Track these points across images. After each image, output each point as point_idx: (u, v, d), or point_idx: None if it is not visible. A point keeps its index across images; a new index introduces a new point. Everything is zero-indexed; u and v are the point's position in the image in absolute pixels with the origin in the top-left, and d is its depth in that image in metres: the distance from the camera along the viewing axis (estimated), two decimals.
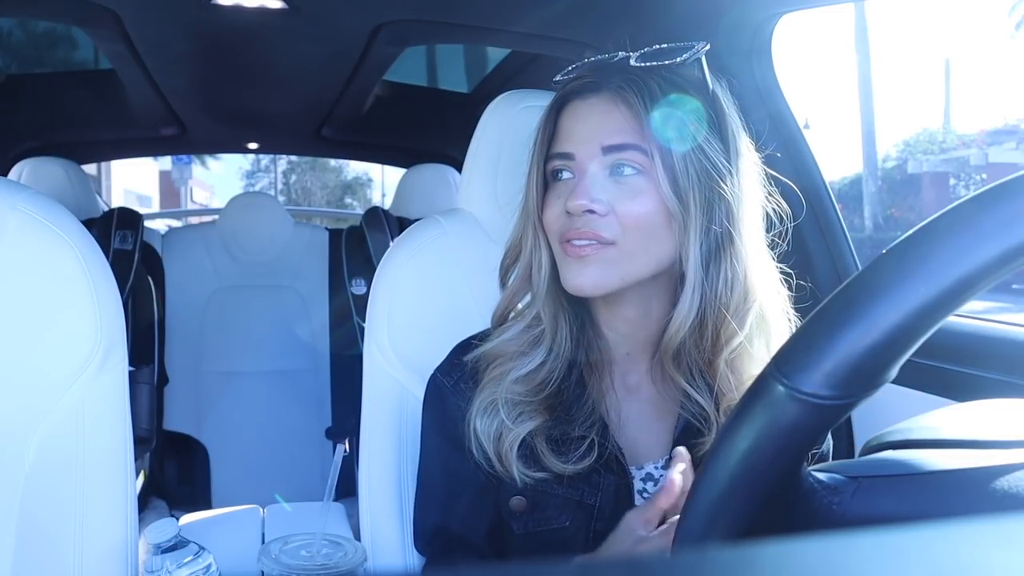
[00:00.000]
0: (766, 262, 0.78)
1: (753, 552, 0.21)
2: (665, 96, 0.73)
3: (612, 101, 0.75)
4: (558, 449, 0.77)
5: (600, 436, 0.77)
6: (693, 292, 0.74)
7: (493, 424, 0.78)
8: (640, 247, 0.74)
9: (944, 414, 0.52)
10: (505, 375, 0.79)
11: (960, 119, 34.26)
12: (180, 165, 14.45)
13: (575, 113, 0.77)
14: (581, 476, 0.77)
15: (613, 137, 0.74)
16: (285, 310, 2.46)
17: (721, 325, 0.74)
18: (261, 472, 2.30)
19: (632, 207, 0.73)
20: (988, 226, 0.36)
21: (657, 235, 0.74)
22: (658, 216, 0.74)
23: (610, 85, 0.75)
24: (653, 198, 0.73)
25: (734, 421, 0.42)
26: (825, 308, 0.40)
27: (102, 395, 0.83)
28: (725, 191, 0.74)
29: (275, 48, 1.73)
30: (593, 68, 0.79)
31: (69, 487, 0.81)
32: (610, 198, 0.74)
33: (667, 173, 0.73)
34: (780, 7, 1.19)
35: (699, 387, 0.77)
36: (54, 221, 0.82)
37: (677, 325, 0.75)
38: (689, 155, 0.73)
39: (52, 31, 2.16)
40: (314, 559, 0.83)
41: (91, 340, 0.82)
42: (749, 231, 0.76)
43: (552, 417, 0.78)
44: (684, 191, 0.73)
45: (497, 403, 0.78)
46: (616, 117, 0.74)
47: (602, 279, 0.75)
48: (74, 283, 0.82)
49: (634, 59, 0.76)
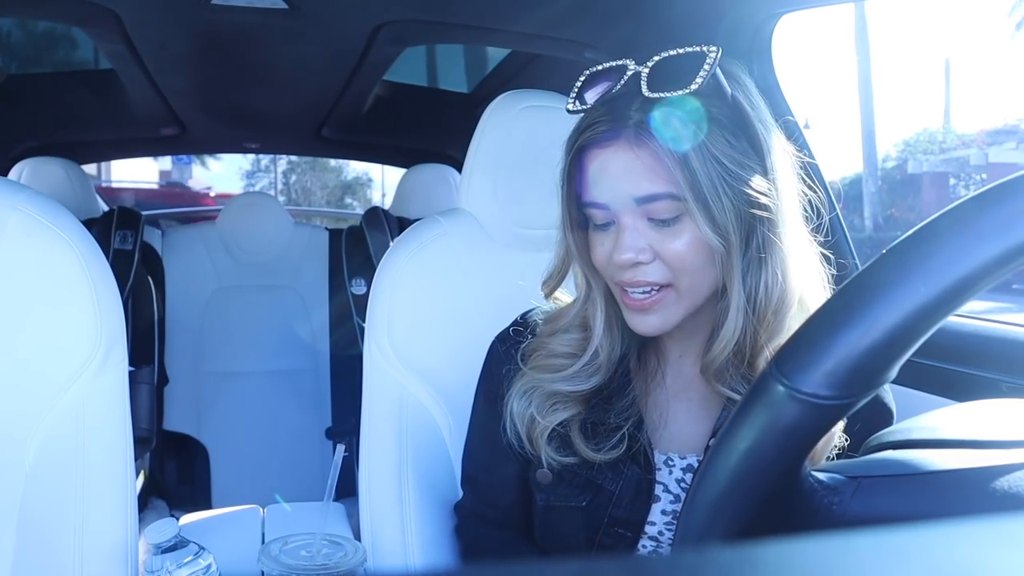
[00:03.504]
0: (807, 256, 0.77)
1: (753, 552, 0.21)
2: (686, 128, 0.70)
3: (632, 148, 0.72)
4: (590, 436, 0.79)
5: (634, 429, 0.79)
6: (737, 312, 0.73)
7: (529, 409, 0.81)
8: (693, 283, 0.74)
9: (944, 414, 0.52)
10: (548, 368, 0.81)
11: (960, 119, 34.26)
12: (180, 165, 14.46)
13: (598, 161, 0.74)
14: (608, 463, 0.79)
15: (642, 188, 0.72)
16: (285, 310, 2.46)
17: (760, 327, 0.74)
18: (261, 472, 2.30)
19: (675, 248, 0.73)
20: (988, 226, 0.36)
21: (705, 267, 0.74)
22: (703, 252, 0.73)
23: (627, 131, 0.72)
24: (694, 235, 0.72)
25: (734, 421, 0.42)
26: (825, 308, 0.40)
27: (102, 395, 0.83)
28: (765, 205, 0.72)
29: (275, 48, 1.73)
30: (607, 110, 0.74)
31: (69, 487, 0.81)
32: (652, 243, 0.73)
33: (703, 213, 0.71)
34: (780, 7, 1.19)
35: (739, 387, 0.76)
36: (54, 221, 0.82)
37: (722, 346, 0.74)
38: (720, 184, 0.70)
39: (52, 31, 2.16)
40: (314, 559, 0.83)
41: (91, 340, 0.82)
42: (790, 231, 0.75)
43: (589, 406, 0.80)
44: (722, 223, 0.71)
45: (535, 390, 0.81)
46: (641, 166, 0.71)
47: (666, 320, 0.76)
48: (74, 283, 0.82)
49: (646, 86, 0.72)
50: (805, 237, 0.77)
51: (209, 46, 1.72)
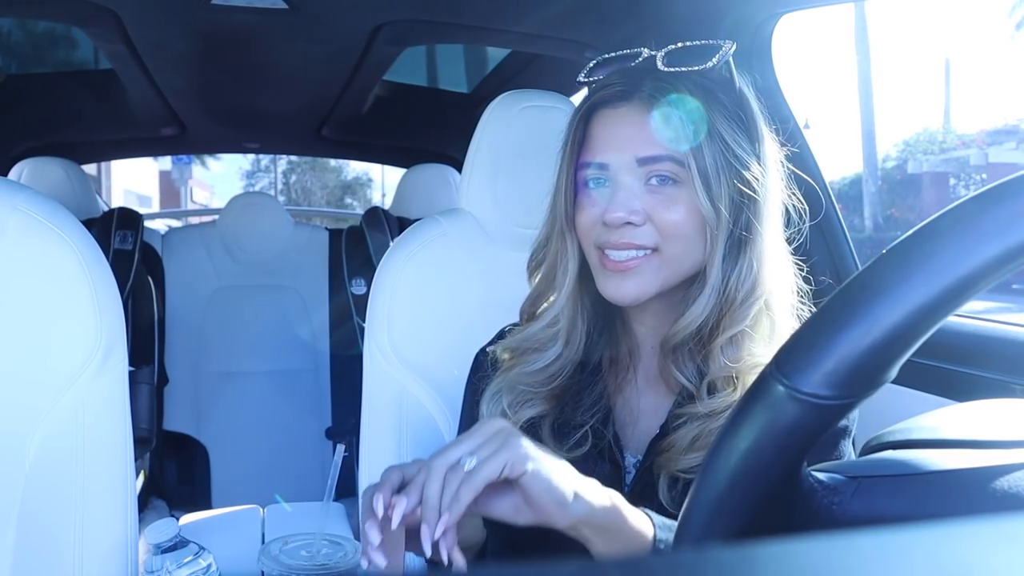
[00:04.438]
0: (782, 257, 0.79)
1: (753, 552, 0.21)
2: (697, 102, 0.73)
3: (644, 110, 0.74)
4: (558, 435, 0.79)
5: (599, 425, 0.79)
6: (710, 294, 0.75)
7: (496, 410, 0.80)
8: (679, 253, 0.75)
9: (944, 414, 0.52)
10: (515, 366, 0.82)
11: (960, 119, 34.26)
12: (180, 165, 14.46)
13: (606, 122, 0.77)
14: (577, 462, 0.78)
15: (647, 148, 0.74)
16: (285, 310, 2.46)
17: (726, 310, 0.75)
18: (261, 472, 2.30)
19: (669, 215, 0.74)
20: (989, 226, 0.36)
21: (694, 240, 0.75)
22: (693, 223, 0.74)
23: (641, 93, 0.75)
24: (689, 205, 0.74)
25: (734, 421, 0.42)
26: (825, 308, 0.40)
27: (102, 395, 0.83)
28: (755, 192, 0.74)
29: (275, 48, 1.73)
30: (621, 74, 0.77)
31: (69, 487, 0.81)
32: (646, 207, 0.74)
33: (703, 182, 0.73)
34: (780, 7, 1.19)
35: (687, 370, 0.77)
36: (54, 221, 0.82)
37: (688, 321, 0.75)
38: (721, 161, 0.73)
39: (52, 31, 2.15)
40: (314, 559, 0.83)
41: (91, 340, 0.82)
42: (770, 228, 0.77)
43: (559, 404, 0.80)
44: (716, 198, 0.73)
45: (503, 391, 0.81)
46: (649, 127, 0.74)
47: (642, 289, 0.76)
48: (74, 283, 0.82)
49: (661, 63, 0.75)
50: (782, 239, 0.79)
51: (209, 46, 1.72)
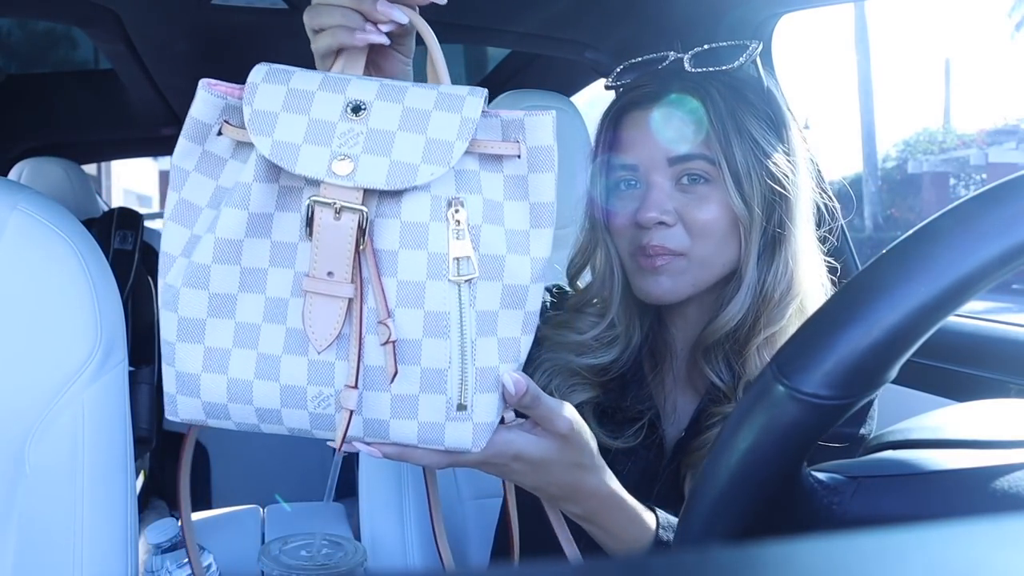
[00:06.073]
0: (815, 256, 0.79)
1: (753, 552, 0.21)
2: (726, 101, 0.73)
3: (674, 111, 0.75)
4: (605, 422, 0.79)
5: (655, 419, 0.79)
6: (746, 293, 0.75)
7: (549, 386, 0.80)
8: (710, 254, 0.75)
9: (944, 414, 0.52)
10: (572, 350, 0.80)
11: (960, 119, 34.24)
12: None
13: (635, 123, 0.77)
14: (621, 451, 0.79)
15: (678, 148, 0.74)
16: None
17: (763, 310, 0.75)
18: (261, 472, 2.30)
19: (700, 215, 0.74)
20: (989, 226, 0.36)
21: (725, 241, 0.75)
22: (725, 222, 0.74)
23: (669, 93, 0.75)
24: (720, 205, 0.74)
25: (734, 421, 0.42)
26: (825, 308, 0.40)
27: (102, 395, 0.83)
28: (787, 190, 0.75)
29: (275, 48, 1.73)
30: (650, 77, 0.78)
31: (69, 487, 0.81)
32: (677, 207, 0.74)
33: (734, 180, 0.73)
34: (780, 7, 1.19)
35: (721, 371, 0.77)
36: (54, 221, 0.82)
37: (724, 321, 0.75)
38: (752, 159, 0.73)
39: (52, 31, 2.16)
40: (314, 559, 0.83)
41: (91, 340, 0.82)
42: (803, 226, 0.77)
43: (605, 391, 0.80)
44: (749, 196, 0.73)
45: (556, 368, 0.80)
46: (679, 127, 0.74)
47: (675, 288, 0.76)
48: (74, 283, 0.81)
49: (688, 63, 0.76)
50: (814, 238, 0.79)
51: (209, 46, 1.72)
